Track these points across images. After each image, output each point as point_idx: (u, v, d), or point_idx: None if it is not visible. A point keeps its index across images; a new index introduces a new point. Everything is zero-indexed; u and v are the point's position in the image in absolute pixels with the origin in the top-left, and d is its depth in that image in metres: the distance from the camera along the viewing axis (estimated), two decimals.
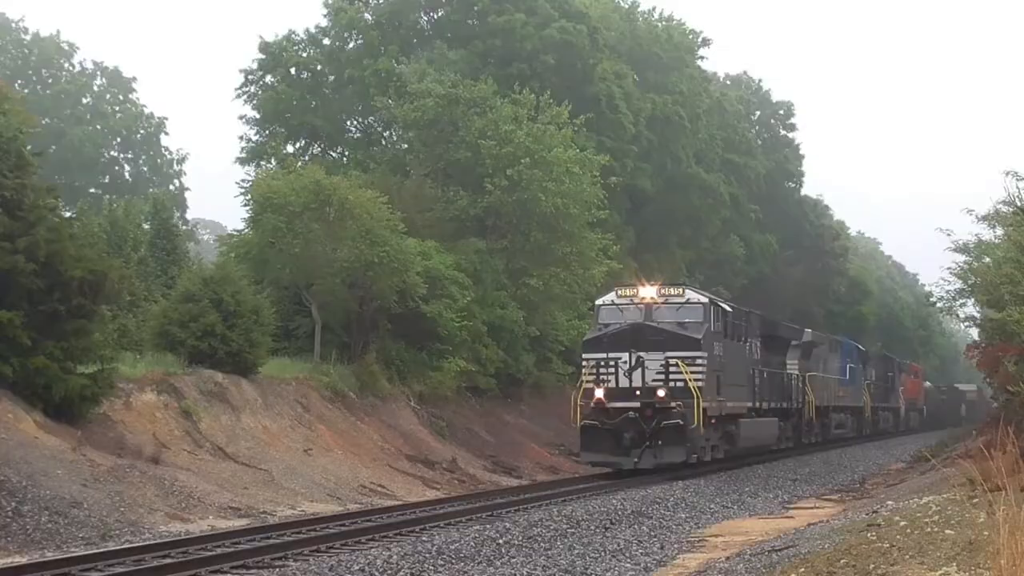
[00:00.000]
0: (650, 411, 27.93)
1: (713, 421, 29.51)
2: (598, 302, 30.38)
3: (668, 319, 28.86)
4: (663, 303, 29.10)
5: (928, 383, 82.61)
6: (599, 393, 28.20)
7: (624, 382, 28.22)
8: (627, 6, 60.04)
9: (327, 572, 13.97)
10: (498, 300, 38.32)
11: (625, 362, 28.18)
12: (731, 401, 30.87)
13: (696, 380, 27.94)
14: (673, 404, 27.74)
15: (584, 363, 29.21)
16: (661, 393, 27.83)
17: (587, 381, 28.62)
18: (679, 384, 27.88)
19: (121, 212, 37.18)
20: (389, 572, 14.19)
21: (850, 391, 49.95)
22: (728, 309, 31.26)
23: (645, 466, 27.98)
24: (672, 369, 28.03)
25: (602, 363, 28.47)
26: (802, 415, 40.44)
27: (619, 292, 30.00)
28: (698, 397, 27.74)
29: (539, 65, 44.73)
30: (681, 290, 29.84)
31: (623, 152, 48.18)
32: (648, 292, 29.30)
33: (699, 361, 28.35)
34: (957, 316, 40.84)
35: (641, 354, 28.12)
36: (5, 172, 21.35)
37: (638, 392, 28.03)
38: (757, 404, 33.82)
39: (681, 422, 27.62)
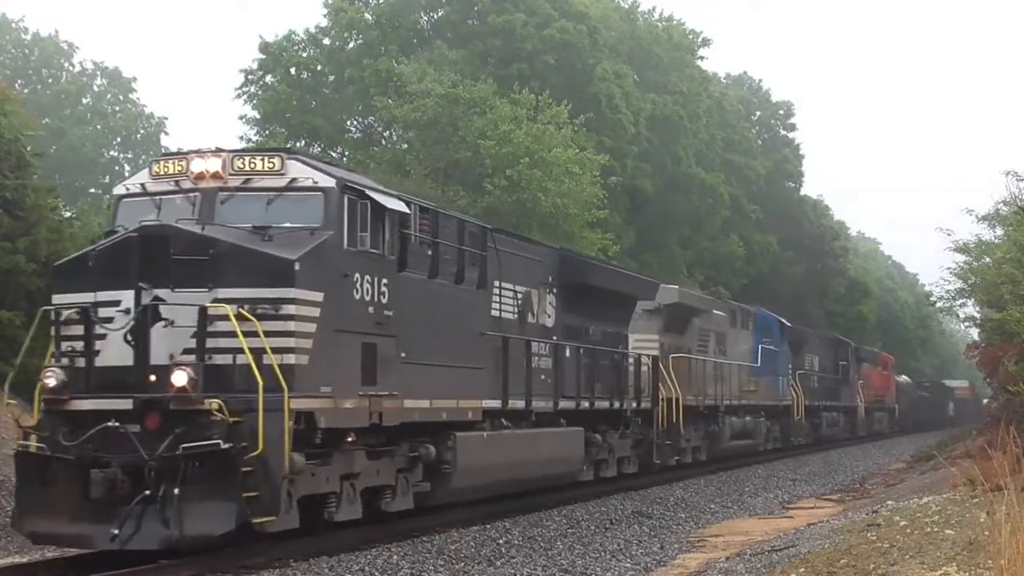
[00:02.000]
0: (157, 418, 13.22)
1: (350, 440, 14.88)
2: (117, 190, 15.43)
3: (241, 220, 14.16)
4: (240, 186, 14.39)
5: (904, 377, 73.09)
6: (52, 380, 13.71)
7: (113, 355, 13.59)
8: (627, 6, 60.10)
9: (327, 572, 13.96)
10: None
11: (124, 311, 13.50)
12: (425, 398, 16.41)
13: (281, 351, 13.30)
14: (210, 405, 12.98)
15: (53, 317, 14.29)
16: (180, 380, 13.06)
17: (52, 356, 14.28)
18: (240, 361, 13.20)
19: None
20: (389, 572, 14.18)
21: (764, 383, 36.52)
22: (408, 208, 16.36)
23: (142, 546, 12.90)
24: (218, 326, 13.32)
25: (75, 315, 13.87)
26: (653, 421, 26.32)
27: (155, 169, 14.88)
28: (284, 388, 12.99)
29: (539, 65, 44.75)
30: (278, 161, 14.58)
31: (623, 152, 48.21)
32: (210, 165, 14.42)
33: (291, 308, 13.46)
34: (957, 316, 40.97)
35: (158, 293, 13.43)
36: (6, 172, 21.42)
37: (152, 377, 13.36)
38: (518, 404, 19.32)
39: (224, 445, 12.80)
